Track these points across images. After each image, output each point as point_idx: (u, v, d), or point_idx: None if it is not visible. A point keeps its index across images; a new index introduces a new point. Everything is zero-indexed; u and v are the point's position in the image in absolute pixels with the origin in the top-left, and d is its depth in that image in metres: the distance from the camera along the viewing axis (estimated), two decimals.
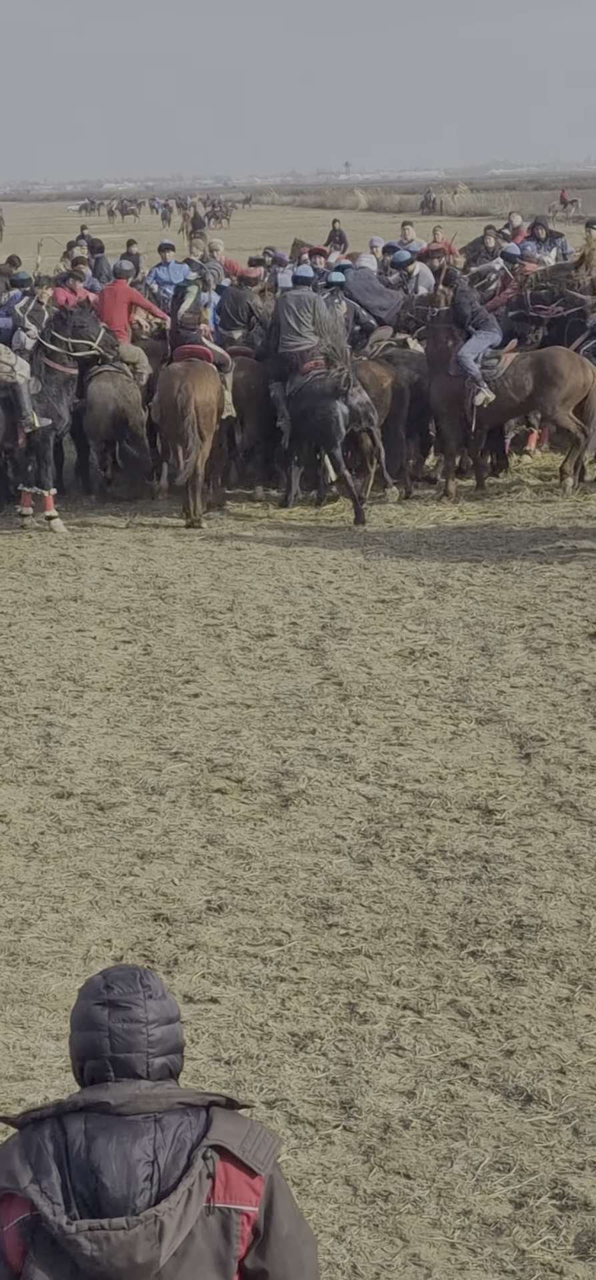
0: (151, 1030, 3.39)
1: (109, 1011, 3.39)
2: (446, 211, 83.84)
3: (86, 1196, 3.25)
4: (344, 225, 46.57)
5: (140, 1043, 3.38)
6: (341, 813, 9.63)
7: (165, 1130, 3.30)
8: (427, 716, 11.27)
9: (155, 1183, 3.26)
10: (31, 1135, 3.35)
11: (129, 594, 15.09)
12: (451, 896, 8.47)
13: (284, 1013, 7.36)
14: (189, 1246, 3.25)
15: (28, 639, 13.66)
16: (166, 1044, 3.42)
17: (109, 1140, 3.28)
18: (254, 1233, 3.34)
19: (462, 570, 15.37)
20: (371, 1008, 7.37)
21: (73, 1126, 3.32)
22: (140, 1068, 3.37)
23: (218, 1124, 3.33)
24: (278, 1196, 3.38)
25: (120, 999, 3.39)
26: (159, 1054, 3.40)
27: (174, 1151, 3.28)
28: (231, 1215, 3.30)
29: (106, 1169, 3.25)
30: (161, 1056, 3.40)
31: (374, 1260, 5.68)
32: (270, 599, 14.69)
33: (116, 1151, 3.27)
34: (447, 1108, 6.57)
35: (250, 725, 11.19)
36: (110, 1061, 3.37)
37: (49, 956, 7.97)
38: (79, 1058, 3.43)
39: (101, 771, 10.42)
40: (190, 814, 9.70)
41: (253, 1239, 3.34)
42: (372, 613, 14.10)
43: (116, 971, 3.47)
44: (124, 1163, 3.26)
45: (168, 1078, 3.42)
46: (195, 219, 63.35)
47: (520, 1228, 5.83)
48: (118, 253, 27.37)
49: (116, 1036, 3.37)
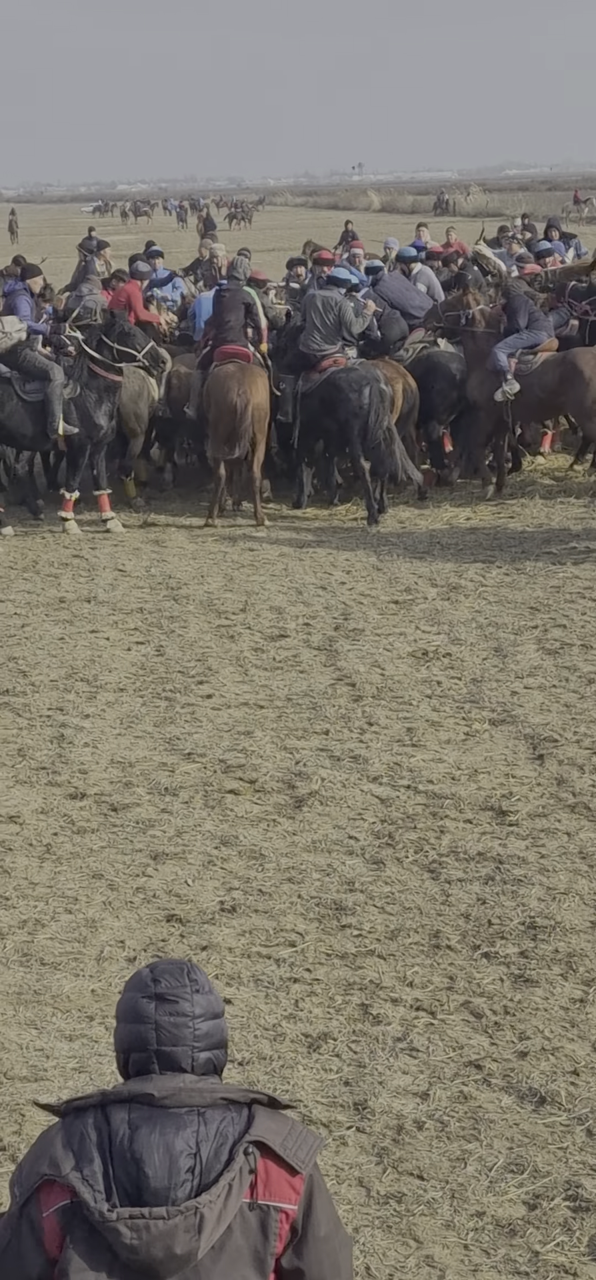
0: (197, 1025, 3.40)
1: (156, 1005, 3.40)
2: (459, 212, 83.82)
3: (128, 1186, 3.26)
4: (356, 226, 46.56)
5: (186, 1037, 3.39)
6: (354, 814, 9.63)
7: (208, 1124, 3.32)
8: (441, 717, 11.26)
9: (196, 1175, 3.27)
10: (74, 1123, 3.36)
11: (142, 595, 15.10)
12: (464, 898, 8.46)
13: (297, 1014, 7.36)
14: (227, 1241, 3.27)
15: (41, 640, 13.67)
16: (212, 1039, 3.43)
17: (152, 1131, 3.29)
18: (292, 1231, 3.35)
19: (476, 571, 15.36)
20: (385, 1009, 7.36)
21: (116, 1116, 3.33)
22: (185, 1062, 3.38)
23: (260, 1121, 3.35)
24: (317, 1196, 3.39)
25: (168, 992, 3.41)
26: (204, 1048, 3.41)
27: (216, 1145, 3.30)
28: (270, 1212, 3.32)
29: (149, 1159, 3.26)
30: (206, 1051, 3.42)
31: (387, 1261, 5.67)
32: (283, 600, 14.69)
33: (159, 1142, 3.28)
34: (461, 1109, 6.56)
35: (263, 726, 11.19)
36: (155, 1054, 3.38)
37: (62, 957, 7.97)
38: (124, 1050, 3.44)
39: (115, 772, 10.42)
40: (203, 815, 9.70)
41: (290, 1237, 3.35)
42: (386, 614, 14.10)
43: (164, 965, 3.48)
44: (166, 1154, 3.27)
45: (211, 1073, 3.44)
46: (207, 220, 63.35)
47: (534, 1229, 5.82)
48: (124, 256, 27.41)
49: (163, 1030, 3.39)
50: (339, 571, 15.68)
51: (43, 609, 14.72)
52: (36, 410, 17.54)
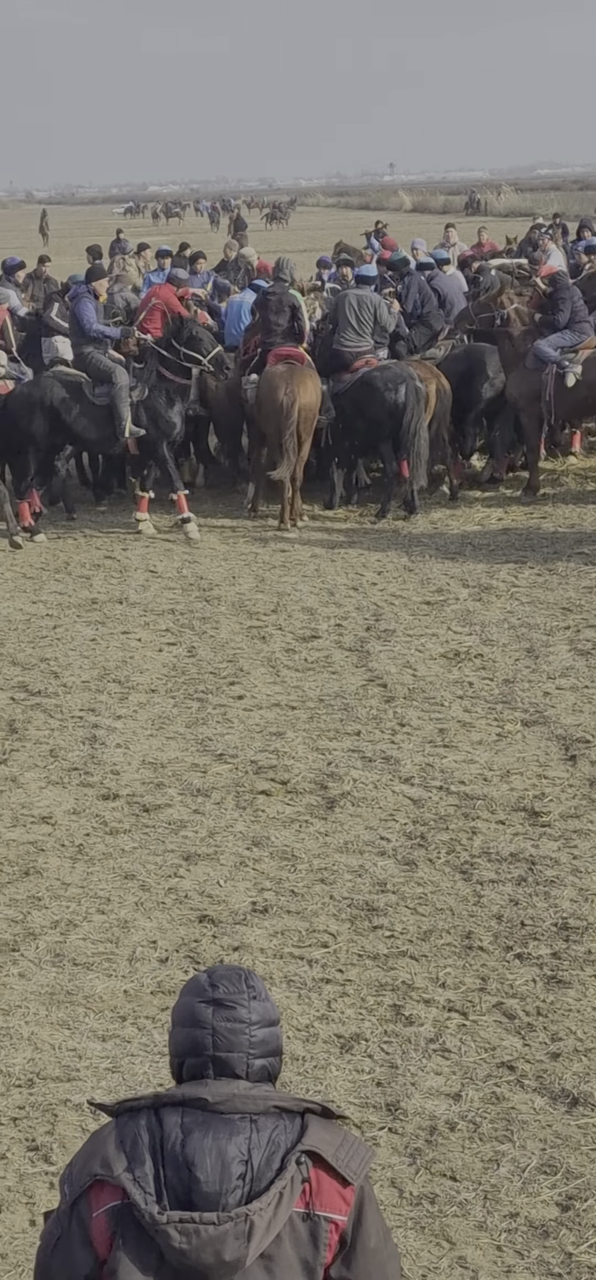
0: (254, 1031, 3.41)
1: (213, 1010, 3.40)
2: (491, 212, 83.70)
3: (179, 1189, 3.26)
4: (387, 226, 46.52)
5: (242, 1043, 3.39)
6: (386, 814, 9.62)
7: (261, 1132, 3.31)
8: (472, 718, 11.24)
9: (248, 1182, 3.27)
10: (127, 1124, 3.36)
11: (174, 596, 15.12)
12: (497, 899, 8.45)
13: (330, 1014, 7.36)
14: (277, 1250, 3.26)
15: (73, 641, 13.70)
16: (267, 1046, 3.43)
17: (205, 1136, 3.29)
18: (341, 1242, 3.34)
19: (507, 572, 15.33)
20: (417, 1010, 7.36)
21: (169, 1119, 3.33)
22: (240, 1068, 3.38)
23: (313, 1130, 3.34)
24: (367, 1208, 3.38)
25: (225, 998, 3.41)
26: (259, 1055, 3.41)
27: (268, 1153, 3.29)
28: (321, 1222, 3.31)
29: (201, 1164, 3.26)
30: (261, 1058, 3.42)
31: (420, 1262, 5.67)
32: (315, 601, 14.69)
33: (212, 1147, 3.28)
34: (493, 1110, 6.55)
35: (295, 727, 11.19)
36: (211, 1060, 3.38)
37: (95, 958, 7.99)
38: (179, 1054, 3.44)
39: (147, 773, 10.44)
40: (235, 816, 9.70)
41: (339, 1248, 3.34)
42: (417, 614, 14.08)
43: (222, 970, 3.48)
44: (218, 1159, 3.27)
45: (266, 1080, 3.44)
46: (237, 220, 63.41)
47: (567, 1230, 5.81)
48: None
49: (219, 1035, 3.39)
50: (370, 572, 15.67)
51: (74, 610, 14.75)
52: (105, 414, 17.51)
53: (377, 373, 17.72)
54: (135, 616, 14.43)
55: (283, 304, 18.17)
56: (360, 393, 17.68)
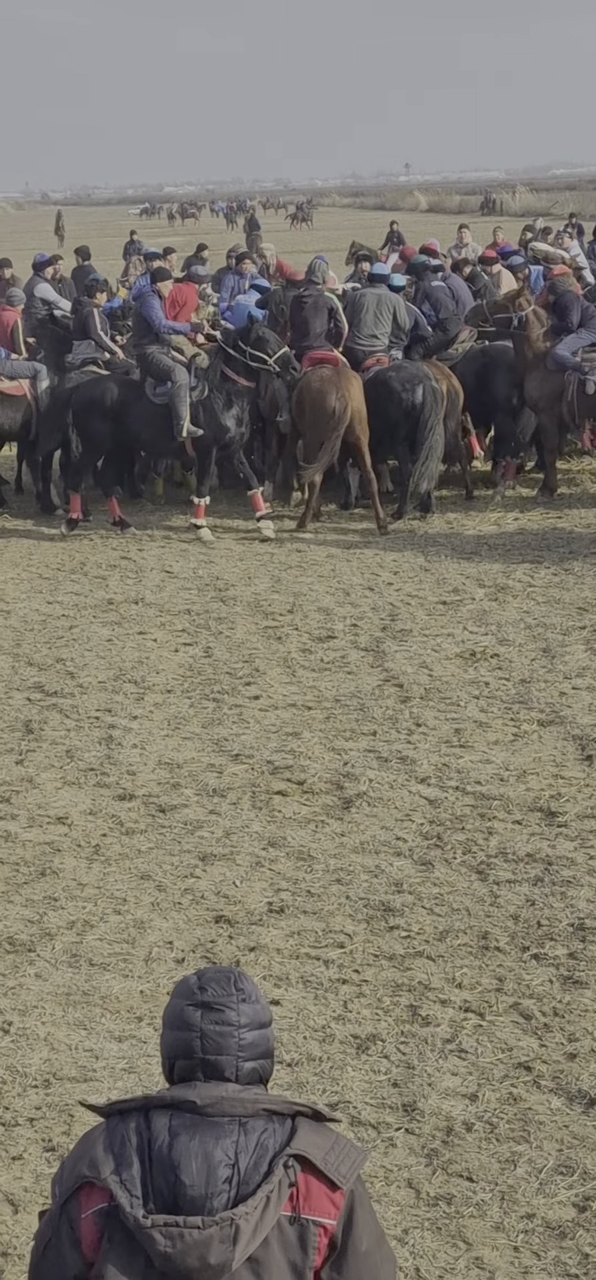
0: (243, 1034, 3.39)
1: (202, 1013, 3.39)
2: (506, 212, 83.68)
3: (165, 1192, 3.25)
4: (403, 226, 46.55)
5: (231, 1046, 3.37)
6: (402, 815, 9.61)
7: (249, 1135, 3.30)
8: (489, 718, 11.23)
9: (234, 1185, 3.25)
10: (117, 1126, 3.36)
11: (189, 596, 15.12)
12: (513, 899, 8.44)
13: (346, 1015, 7.36)
14: (265, 1254, 3.24)
15: (89, 641, 13.71)
16: (257, 1049, 3.41)
17: (192, 1138, 3.28)
18: (331, 1246, 3.32)
19: (523, 572, 15.32)
20: (433, 1010, 7.35)
21: (158, 1121, 3.32)
22: (229, 1070, 3.37)
23: (302, 1134, 3.32)
24: (358, 1211, 3.36)
25: (214, 1001, 3.40)
26: (249, 1058, 3.39)
27: (256, 1157, 3.28)
28: (309, 1226, 3.28)
29: (186, 1167, 3.25)
30: (251, 1061, 3.40)
31: (437, 1263, 5.66)
32: (331, 601, 14.68)
33: (198, 1150, 3.27)
34: (510, 1110, 6.54)
35: (311, 727, 11.19)
36: (200, 1063, 3.37)
37: (111, 958, 8.00)
38: (169, 1056, 3.43)
39: (163, 774, 10.44)
40: (251, 816, 9.70)
41: (329, 1252, 3.32)
42: (433, 614, 14.07)
43: (211, 973, 3.47)
44: (204, 1162, 3.26)
45: (257, 1082, 3.42)
46: (251, 221, 63.55)
47: (584, 1231, 5.80)
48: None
49: (208, 1038, 3.37)
50: (386, 572, 15.66)
51: (91, 611, 14.76)
52: (163, 413, 17.39)
53: (393, 373, 17.66)
54: (151, 617, 14.44)
55: (319, 306, 17.94)
56: (374, 392, 17.60)
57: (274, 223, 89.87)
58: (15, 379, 18.71)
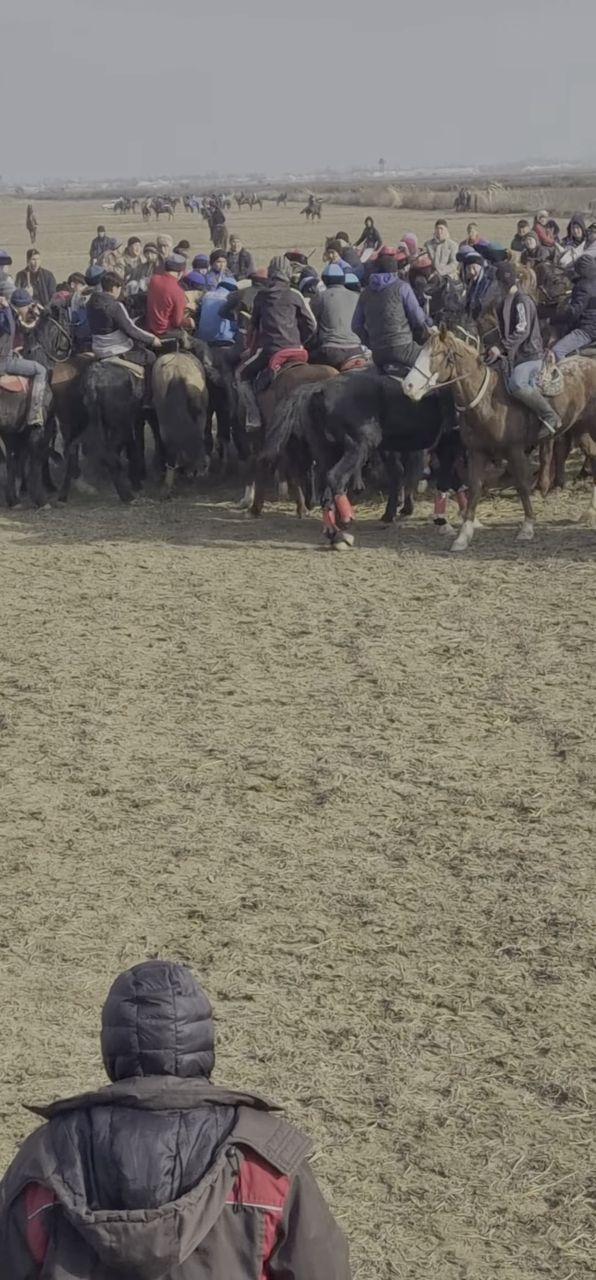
0: (180, 1027, 3.39)
1: (138, 1008, 3.39)
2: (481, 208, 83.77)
3: (108, 1188, 3.26)
4: (378, 223, 46.57)
5: (168, 1039, 3.37)
6: (376, 810, 9.63)
7: (190, 1126, 3.30)
8: (462, 714, 11.25)
9: (177, 1177, 3.25)
10: (59, 1125, 3.36)
11: (163, 591, 15.12)
12: (486, 894, 8.46)
13: (319, 1010, 7.37)
14: (212, 1244, 3.25)
15: (62, 636, 13.69)
16: (196, 1041, 3.41)
17: (132, 1133, 3.28)
18: (278, 1233, 3.32)
19: (497, 568, 15.35)
20: (406, 1005, 7.36)
21: (99, 1118, 3.33)
22: (168, 1064, 3.37)
23: (244, 1122, 3.32)
24: (305, 1198, 3.35)
25: (149, 995, 3.40)
26: (188, 1050, 3.39)
27: (198, 1148, 3.28)
28: (255, 1214, 3.29)
29: (128, 1161, 3.26)
30: (190, 1053, 3.40)
31: (409, 1258, 5.67)
32: (305, 596, 14.69)
33: (139, 1144, 3.27)
34: (482, 1105, 6.56)
35: (285, 723, 11.20)
36: (139, 1058, 3.37)
37: (84, 953, 7.99)
38: (109, 1053, 3.43)
39: (136, 769, 10.44)
40: (225, 811, 9.71)
41: (277, 1239, 3.32)
42: (407, 610, 14.09)
43: (147, 968, 3.47)
44: (146, 1156, 3.26)
45: (197, 1074, 3.42)
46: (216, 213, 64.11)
47: (555, 1226, 5.82)
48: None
49: (145, 1033, 3.37)
50: (360, 568, 15.68)
51: (64, 606, 14.74)
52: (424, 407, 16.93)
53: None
54: (125, 612, 14.42)
55: (285, 303, 17.75)
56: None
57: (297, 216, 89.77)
58: (15, 375, 18.69)
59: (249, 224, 77.00)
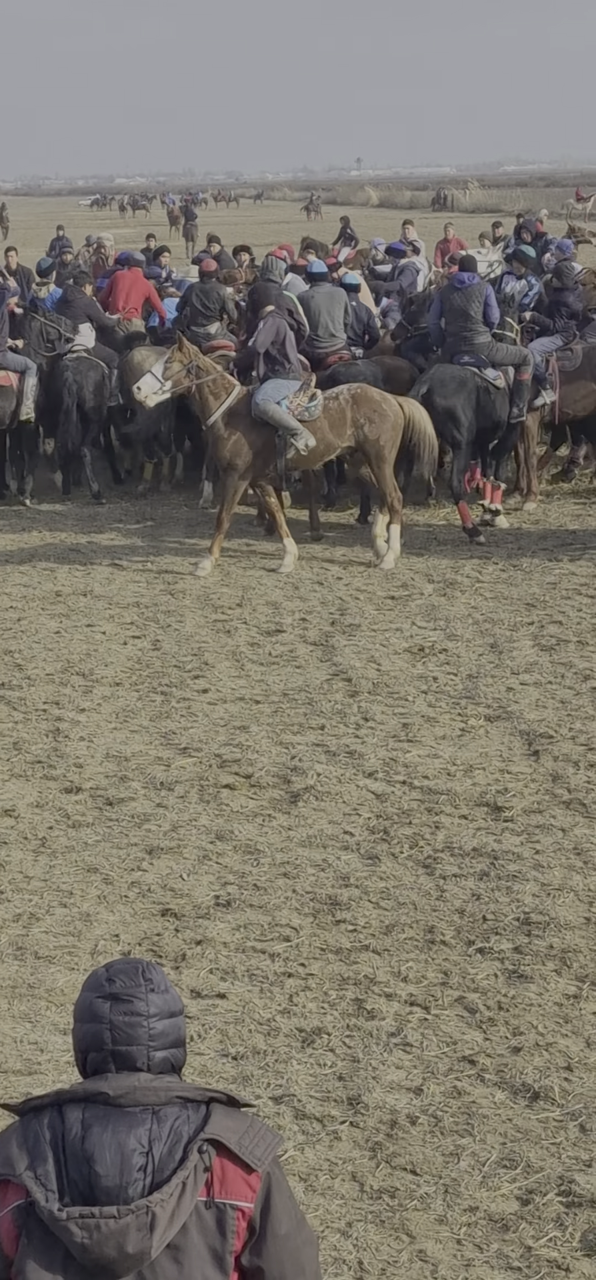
0: (153, 1024, 3.39)
1: (111, 1005, 3.39)
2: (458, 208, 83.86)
3: (80, 1184, 3.26)
4: (354, 222, 46.56)
5: (141, 1036, 3.38)
6: (350, 809, 9.63)
7: (162, 1123, 3.30)
8: (436, 713, 11.27)
9: (149, 1174, 3.25)
10: (30, 1122, 3.36)
11: (138, 589, 15.10)
12: (459, 893, 8.47)
13: (291, 1008, 7.37)
14: (184, 1241, 3.25)
15: (37, 634, 13.67)
16: (168, 1038, 3.41)
17: (104, 1129, 3.28)
18: (250, 1229, 3.32)
19: (472, 567, 15.37)
20: (379, 1004, 7.37)
21: (71, 1115, 3.32)
22: (140, 1061, 3.37)
23: (216, 1119, 3.33)
24: (276, 1194, 3.36)
25: (122, 992, 3.40)
26: (160, 1047, 3.39)
27: (170, 1144, 3.28)
28: (227, 1210, 3.29)
29: (100, 1157, 3.26)
30: (162, 1050, 3.40)
31: (380, 1256, 5.68)
32: (280, 595, 14.69)
33: (111, 1141, 3.27)
34: (454, 1104, 6.57)
35: (259, 721, 11.20)
36: (111, 1054, 3.37)
37: (57, 951, 7.98)
38: (81, 1050, 3.43)
39: (110, 766, 10.43)
40: (199, 809, 9.70)
41: (249, 1235, 3.33)
42: (382, 609, 14.10)
43: (119, 964, 3.47)
44: (118, 1152, 3.26)
45: (169, 1071, 3.42)
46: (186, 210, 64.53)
47: (526, 1224, 5.83)
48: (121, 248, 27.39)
49: (117, 1029, 3.37)
50: (335, 567, 15.68)
51: (39, 603, 14.72)
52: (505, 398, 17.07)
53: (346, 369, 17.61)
54: (100, 609, 14.41)
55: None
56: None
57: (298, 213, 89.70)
58: (5, 370, 18.62)
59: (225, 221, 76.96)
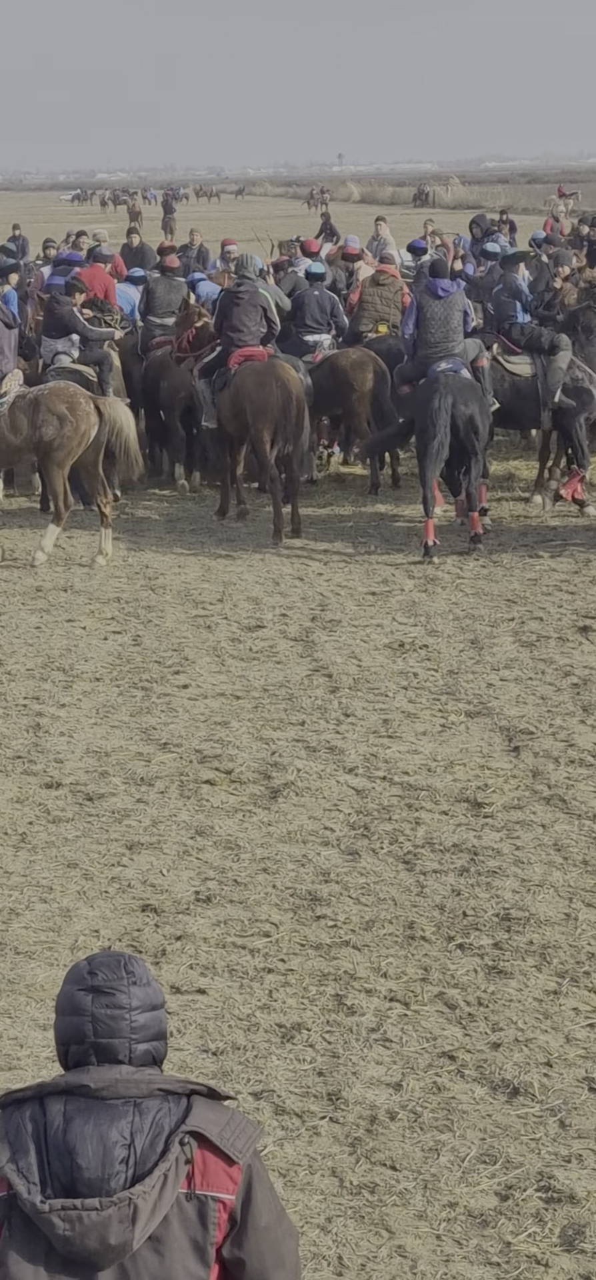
0: (134, 1017, 3.40)
1: (92, 997, 3.40)
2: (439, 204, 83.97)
3: (62, 1177, 3.26)
4: (336, 218, 46.58)
5: (123, 1029, 3.38)
6: (330, 804, 9.63)
7: (144, 1115, 3.31)
8: (417, 709, 11.27)
9: (131, 1166, 3.26)
10: (12, 1115, 3.36)
11: (119, 584, 15.08)
12: (439, 889, 8.48)
13: (271, 1004, 7.37)
14: (165, 1232, 3.26)
15: (17, 629, 13.65)
16: (149, 1030, 3.42)
17: (86, 1122, 3.29)
18: (231, 1221, 3.34)
19: (453, 563, 15.38)
20: (359, 999, 7.37)
21: (52, 1108, 3.33)
22: (122, 1053, 3.38)
23: (197, 1111, 3.34)
24: (256, 1186, 3.37)
25: (104, 985, 3.40)
26: (141, 1040, 3.40)
27: (152, 1136, 3.29)
28: (208, 1202, 3.30)
29: (82, 1150, 3.26)
30: (144, 1043, 3.41)
31: (359, 1252, 5.68)
32: (260, 590, 14.69)
33: (93, 1133, 3.28)
34: (434, 1100, 6.57)
35: (239, 716, 11.19)
36: (92, 1047, 3.38)
37: (36, 946, 7.97)
38: (62, 1042, 3.44)
39: (90, 762, 10.41)
40: (179, 805, 9.70)
41: (230, 1227, 3.34)
42: (363, 605, 14.11)
43: (101, 957, 3.48)
44: (100, 1145, 3.27)
45: (150, 1064, 3.43)
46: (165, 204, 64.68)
47: (506, 1220, 5.84)
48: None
49: (99, 1022, 3.38)
50: (316, 562, 15.68)
51: (19, 598, 14.69)
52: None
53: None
54: (80, 604, 14.39)
55: (254, 303, 17.38)
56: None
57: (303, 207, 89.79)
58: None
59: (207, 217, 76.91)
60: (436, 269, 17.28)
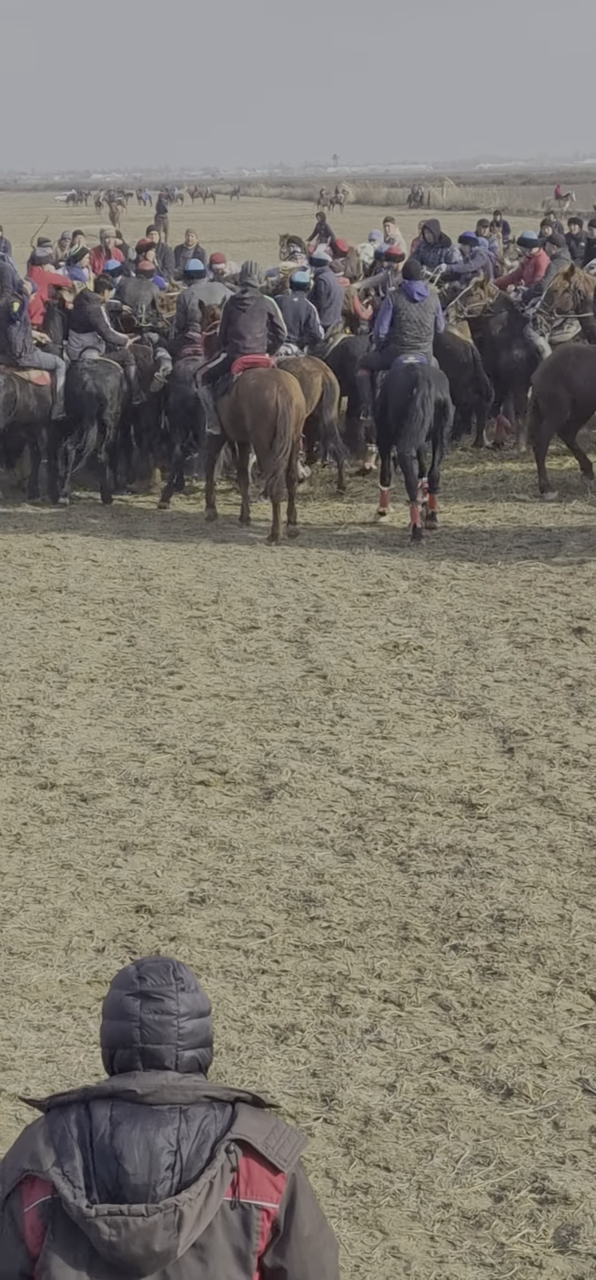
0: (182, 1023, 3.40)
1: (141, 1002, 3.40)
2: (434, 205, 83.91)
3: (108, 1182, 3.26)
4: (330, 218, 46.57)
5: (170, 1035, 3.39)
6: (324, 805, 9.64)
7: (190, 1122, 3.31)
8: (411, 710, 11.28)
9: (177, 1172, 3.27)
10: (57, 1119, 3.36)
11: (114, 585, 15.08)
12: (433, 890, 8.48)
13: (265, 1005, 7.37)
14: (209, 1240, 3.26)
15: (12, 629, 13.64)
16: (197, 1037, 3.43)
17: (133, 1127, 3.29)
18: (274, 1230, 3.34)
19: (447, 564, 15.38)
20: (353, 1000, 7.38)
21: (98, 1112, 3.33)
22: (169, 1059, 3.38)
23: (242, 1119, 3.34)
24: (300, 1196, 3.38)
25: (153, 990, 3.41)
26: (188, 1047, 3.41)
27: (198, 1143, 3.29)
28: (252, 1210, 3.31)
29: (129, 1155, 3.27)
30: (191, 1050, 3.41)
31: (353, 1253, 5.69)
32: (255, 591, 14.68)
33: (140, 1139, 3.28)
34: (428, 1101, 6.58)
35: (234, 717, 11.19)
36: (139, 1052, 3.38)
37: (31, 947, 7.97)
38: (109, 1046, 3.44)
39: (85, 763, 10.41)
40: (173, 806, 9.70)
41: (272, 1236, 3.35)
42: (357, 606, 14.11)
43: (150, 963, 3.48)
44: (147, 1150, 3.27)
45: (196, 1070, 3.43)
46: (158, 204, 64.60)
47: (500, 1221, 5.84)
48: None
49: (147, 1027, 3.38)
50: (310, 564, 15.68)
51: (14, 598, 14.69)
52: None
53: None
54: (75, 605, 14.38)
55: (259, 311, 17.33)
56: None
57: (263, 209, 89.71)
58: (40, 369, 18.50)
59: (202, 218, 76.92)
60: (410, 271, 17.42)
